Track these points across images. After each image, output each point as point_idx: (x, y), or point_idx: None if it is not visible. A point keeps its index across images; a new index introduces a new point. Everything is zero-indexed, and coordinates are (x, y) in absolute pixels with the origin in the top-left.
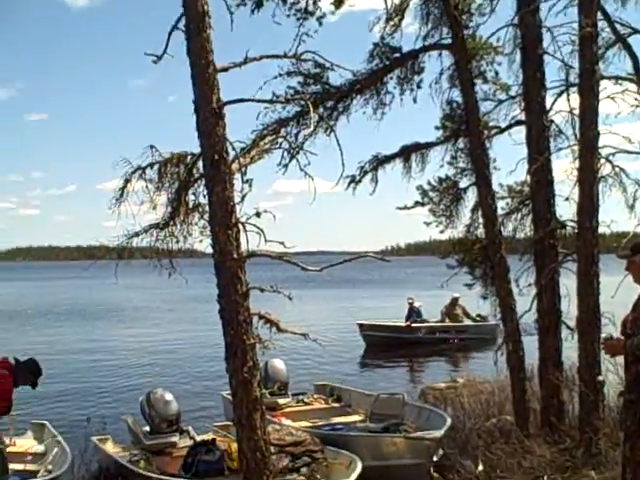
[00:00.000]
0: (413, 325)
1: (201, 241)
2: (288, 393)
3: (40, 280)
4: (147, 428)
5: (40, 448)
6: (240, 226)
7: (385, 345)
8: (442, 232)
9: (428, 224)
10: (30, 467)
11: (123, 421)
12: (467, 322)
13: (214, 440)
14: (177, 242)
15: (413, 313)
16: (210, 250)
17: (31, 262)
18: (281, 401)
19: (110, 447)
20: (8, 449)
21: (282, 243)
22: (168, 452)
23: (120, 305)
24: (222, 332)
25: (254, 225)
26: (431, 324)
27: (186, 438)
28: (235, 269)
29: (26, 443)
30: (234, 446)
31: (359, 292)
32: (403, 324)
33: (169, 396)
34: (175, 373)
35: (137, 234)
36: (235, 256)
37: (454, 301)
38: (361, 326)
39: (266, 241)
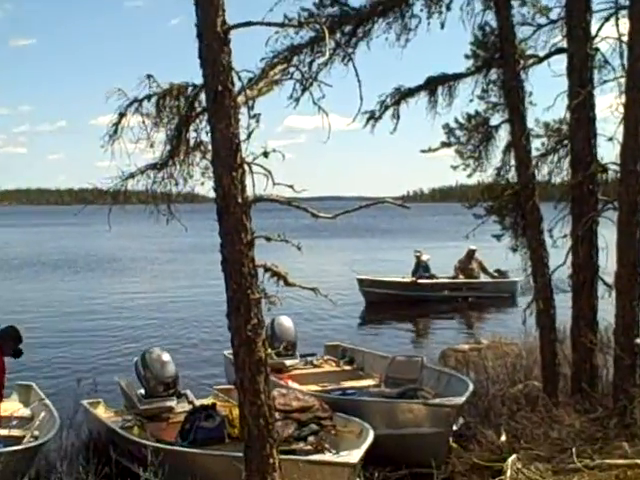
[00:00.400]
0: (420, 281)
1: (202, 184)
2: (296, 354)
3: (27, 227)
4: (142, 391)
5: (26, 412)
6: (246, 167)
7: (387, 303)
8: (470, 176)
9: (455, 167)
10: (15, 432)
11: (116, 383)
12: (483, 278)
13: (214, 405)
14: (176, 185)
15: (420, 268)
16: (212, 194)
17: (18, 206)
18: (288, 363)
19: (102, 412)
20: None
21: (292, 187)
22: (164, 417)
23: (114, 255)
24: (224, 286)
25: (261, 166)
26: (440, 280)
27: (184, 402)
28: (239, 215)
29: (11, 406)
30: (236, 412)
31: (377, 242)
32: (408, 280)
33: (166, 356)
34: (174, 331)
35: (132, 175)
36: (240, 201)
37: (470, 254)
38: (361, 282)
39: (274, 184)
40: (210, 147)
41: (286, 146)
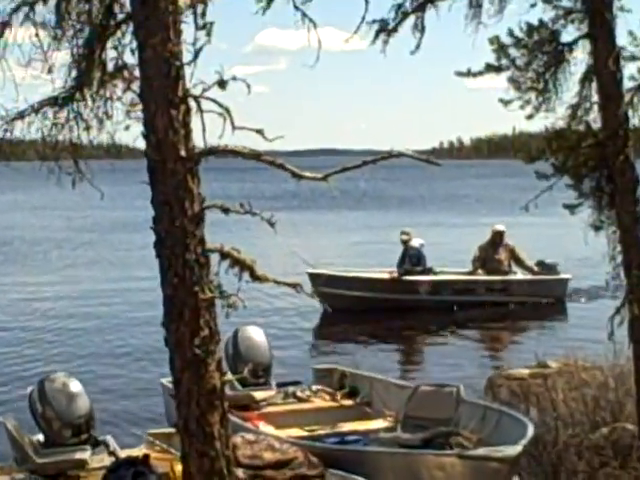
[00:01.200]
0: (405, 278)
1: (127, 128)
2: (270, 382)
3: None
4: (39, 437)
5: None
6: (192, 103)
7: (356, 310)
8: (530, 118)
9: (506, 103)
10: None
11: (1, 425)
12: (515, 275)
13: (147, 457)
14: (87, 130)
15: (408, 257)
16: (142, 143)
17: None
18: (259, 395)
19: None
20: None
21: (260, 132)
22: (73, 476)
23: (1, 237)
24: (160, 280)
25: (216, 102)
26: (441, 277)
27: (103, 454)
28: (182, 175)
29: None
30: (179, 467)
31: (392, 217)
32: (387, 276)
33: (76, 386)
34: (89, 347)
35: (22, 115)
36: (182, 153)
37: (495, 238)
38: (314, 278)
39: (234, 129)
40: (137, 73)
41: (258, 74)
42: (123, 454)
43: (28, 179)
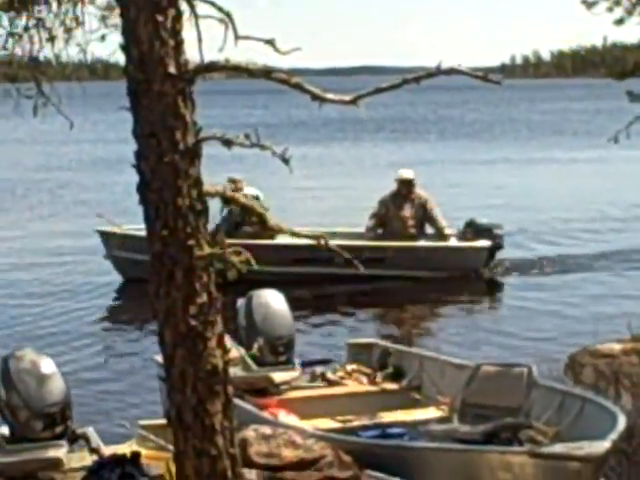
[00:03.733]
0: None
1: (103, 38)
2: (294, 361)
3: None
4: (4, 430)
5: None
6: (184, 6)
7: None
8: (620, 23)
9: (591, 5)
10: None
11: None
12: (421, 241)
13: (137, 456)
14: (51, 40)
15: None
16: (120, 59)
17: None
18: (279, 376)
19: None
20: None
21: (271, 43)
22: (45, 479)
23: None
24: (146, 232)
25: (213, 4)
26: (275, 242)
27: (82, 451)
28: (172, 99)
29: None
30: (175, 468)
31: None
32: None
33: (48, 365)
34: (60, 318)
35: None
36: (172, 70)
37: (401, 189)
38: (105, 237)
39: (237, 38)
40: None
41: None
42: (108, 451)
43: None
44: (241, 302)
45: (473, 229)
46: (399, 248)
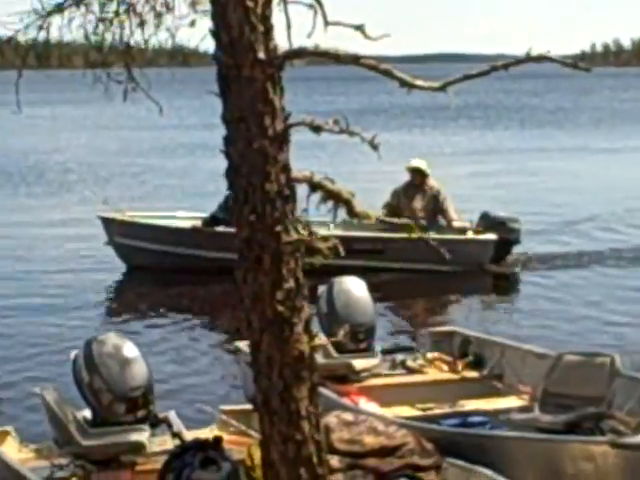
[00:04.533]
0: (212, 229)
1: (193, 24)
2: (374, 348)
3: None
4: (86, 414)
5: None
6: None
7: (158, 270)
8: None
9: None
10: None
11: (38, 398)
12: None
13: (219, 440)
14: (141, 25)
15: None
16: (209, 46)
17: None
18: (360, 364)
19: (12, 449)
20: None
21: (361, 29)
22: (127, 462)
23: (41, 162)
24: (234, 217)
25: None
26: None
27: (164, 435)
28: (261, 84)
29: None
30: (259, 453)
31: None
32: (187, 224)
33: (131, 349)
34: (141, 299)
35: (60, 8)
36: (262, 56)
37: (414, 179)
38: (107, 223)
39: (327, 24)
40: None
41: None
42: (189, 436)
43: (65, 89)
44: (322, 289)
45: (485, 222)
46: (398, 239)
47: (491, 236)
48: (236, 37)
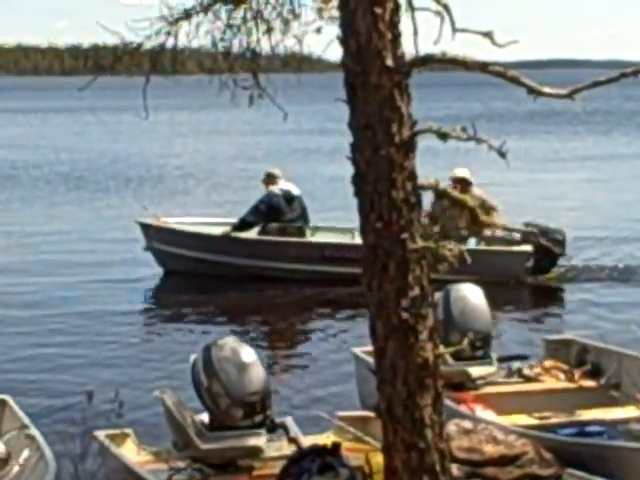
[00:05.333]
0: (234, 235)
1: (319, 31)
2: (491, 356)
3: None
4: (204, 417)
5: None
6: None
7: (196, 275)
8: None
9: None
10: None
11: (157, 400)
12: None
13: (338, 447)
14: (268, 32)
15: (265, 204)
16: (336, 53)
17: None
18: (476, 371)
19: (131, 451)
20: None
21: (489, 36)
22: (245, 466)
23: (156, 168)
24: (360, 222)
25: None
26: (302, 239)
27: (281, 440)
28: (388, 91)
29: None
30: (377, 460)
31: None
32: (219, 232)
33: (249, 354)
34: (256, 300)
35: (188, 15)
36: (389, 63)
37: (458, 187)
38: (146, 229)
39: (455, 31)
40: None
41: None
42: (306, 441)
43: (187, 95)
44: (438, 296)
45: (526, 232)
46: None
47: (526, 247)
48: (364, 44)
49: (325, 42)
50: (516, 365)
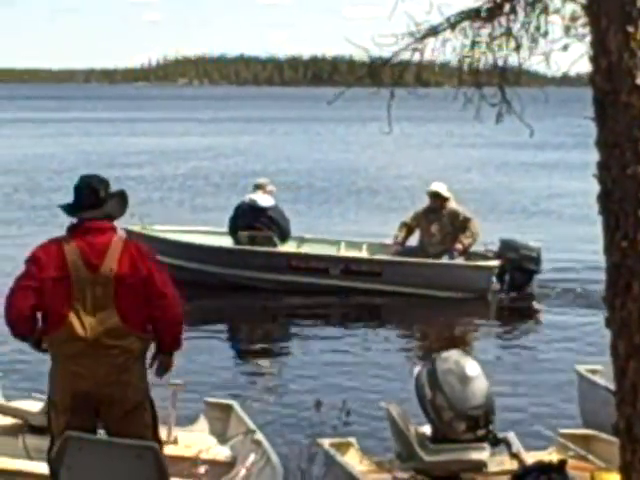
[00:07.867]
0: (239, 248)
1: (565, 48)
2: None
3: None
4: (427, 429)
5: (224, 452)
6: None
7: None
8: None
9: None
10: None
11: (382, 412)
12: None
13: (563, 463)
14: (517, 49)
15: (248, 213)
16: (580, 69)
17: (201, 87)
18: None
19: (354, 460)
20: (167, 448)
21: None
22: None
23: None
24: (603, 239)
25: None
26: (285, 248)
27: (502, 455)
28: (638, 110)
29: (198, 440)
30: (602, 479)
31: None
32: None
33: (473, 367)
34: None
35: (435, 31)
36: (639, 81)
37: (434, 202)
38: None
39: None
40: None
41: None
42: (529, 457)
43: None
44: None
45: (502, 248)
46: (394, 263)
47: (493, 263)
48: (615, 62)
49: (569, 58)
50: None
